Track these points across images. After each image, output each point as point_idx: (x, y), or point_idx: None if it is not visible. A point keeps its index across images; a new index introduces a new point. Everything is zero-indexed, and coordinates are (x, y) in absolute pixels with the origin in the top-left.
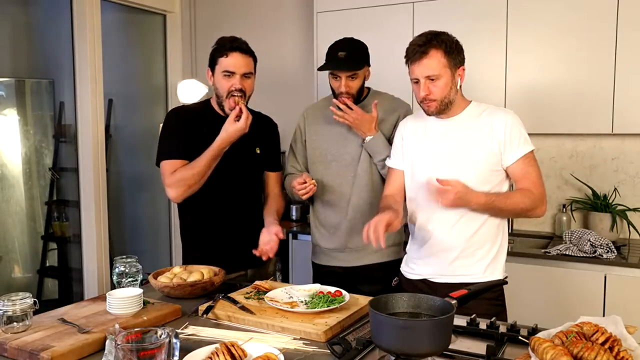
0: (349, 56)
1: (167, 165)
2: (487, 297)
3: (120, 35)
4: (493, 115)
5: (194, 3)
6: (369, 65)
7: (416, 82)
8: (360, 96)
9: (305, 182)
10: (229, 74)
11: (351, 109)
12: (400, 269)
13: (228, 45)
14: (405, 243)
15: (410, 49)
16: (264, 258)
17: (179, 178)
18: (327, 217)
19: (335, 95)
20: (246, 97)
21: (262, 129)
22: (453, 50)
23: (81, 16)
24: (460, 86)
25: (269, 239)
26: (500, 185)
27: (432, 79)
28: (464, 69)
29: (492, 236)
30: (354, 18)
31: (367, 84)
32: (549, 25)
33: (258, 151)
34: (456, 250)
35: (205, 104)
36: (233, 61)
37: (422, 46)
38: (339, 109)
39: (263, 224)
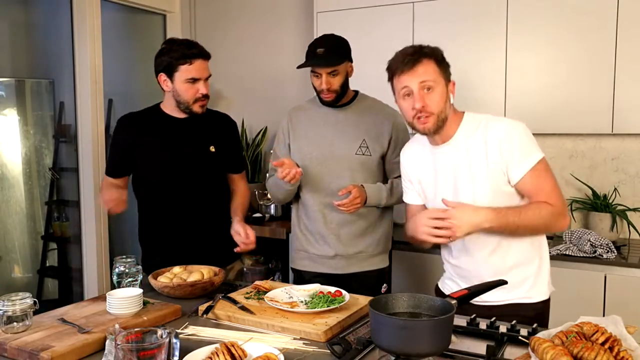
0: (327, 52)
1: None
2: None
3: (120, 35)
4: (487, 128)
5: (194, 3)
6: (351, 61)
7: (407, 94)
8: (344, 94)
9: (287, 167)
10: (194, 80)
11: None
12: (438, 284)
13: (190, 51)
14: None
15: (398, 59)
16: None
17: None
18: (313, 224)
19: (318, 93)
20: (208, 100)
21: (218, 127)
22: (444, 62)
23: (81, 16)
24: (452, 102)
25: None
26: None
27: (428, 88)
28: (454, 84)
29: (528, 257)
30: (354, 18)
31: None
32: (549, 26)
33: (213, 149)
34: (494, 277)
35: (154, 109)
36: (197, 68)
37: (413, 55)
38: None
39: (224, 224)
